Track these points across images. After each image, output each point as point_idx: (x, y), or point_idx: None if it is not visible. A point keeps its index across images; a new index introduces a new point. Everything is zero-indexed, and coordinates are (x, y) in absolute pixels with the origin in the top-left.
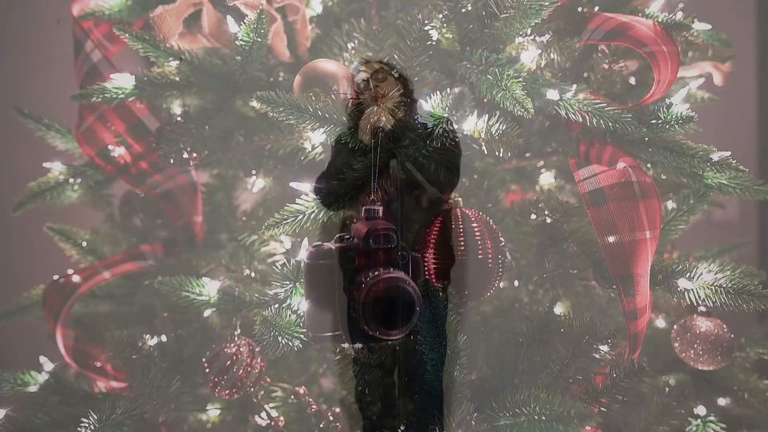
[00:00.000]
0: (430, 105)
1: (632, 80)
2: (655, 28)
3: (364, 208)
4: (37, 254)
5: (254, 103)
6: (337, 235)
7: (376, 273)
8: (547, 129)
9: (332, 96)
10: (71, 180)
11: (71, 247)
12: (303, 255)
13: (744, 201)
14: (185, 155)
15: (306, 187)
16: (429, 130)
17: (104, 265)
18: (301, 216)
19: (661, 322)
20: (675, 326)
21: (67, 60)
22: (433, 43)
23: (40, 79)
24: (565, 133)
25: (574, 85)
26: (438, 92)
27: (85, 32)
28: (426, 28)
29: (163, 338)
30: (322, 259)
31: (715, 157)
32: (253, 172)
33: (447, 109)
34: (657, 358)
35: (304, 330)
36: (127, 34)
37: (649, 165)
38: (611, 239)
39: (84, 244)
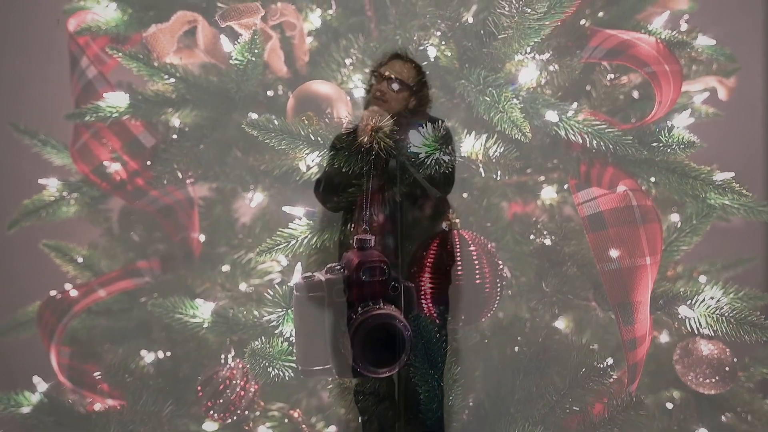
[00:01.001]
0: (422, 135)
1: (635, 94)
2: (658, 46)
3: (356, 237)
4: (34, 270)
5: (245, 127)
6: (328, 266)
7: (366, 308)
8: (548, 145)
9: (326, 119)
10: (67, 195)
11: (67, 263)
12: (295, 281)
13: None
14: (179, 175)
15: (299, 211)
16: (421, 160)
17: (100, 282)
18: (293, 241)
19: (664, 337)
20: (677, 348)
21: (65, 73)
22: (432, 60)
23: (37, 93)
24: (566, 151)
25: (575, 104)
26: (429, 124)
27: (81, 48)
28: (422, 48)
29: (160, 354)
30: (311, 291)
31: (719, 178)
32: (251, 187)
33: (440, 140)
34: (659, 377)
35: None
36: (120, 54)
37: (652, 179)
38: (610, 266)
39: (80, 259)
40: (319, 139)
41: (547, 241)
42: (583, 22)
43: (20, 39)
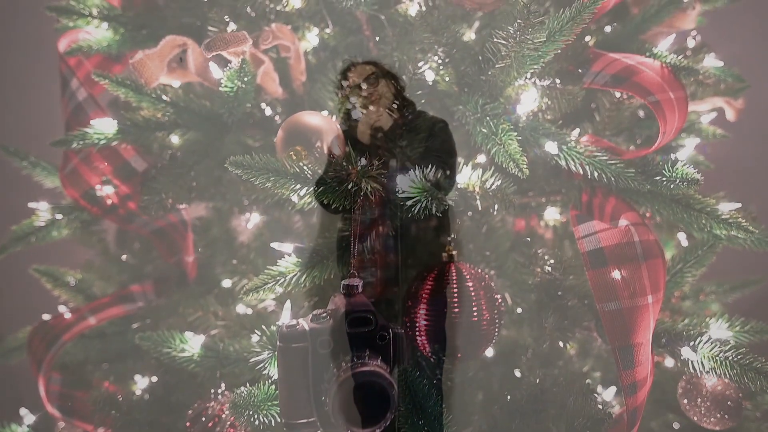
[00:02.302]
0: (412, 178)
1: (641, 113)
2: (663, 71)
3: (342, 283)
4: (25, 294)
5: (229, 167)
6: (313, 312)
7: (350, 364)
8: (550, 169)
9: (316, 153)
10: (58, 218)
11: (59, 288)
12: (283, 319)
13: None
14: (169, 204)
15: (288, 248)
16: (411, 204)
17: (91, 309)
18: (281, 279)
19: (669, 361)
20: (681, 381)
21: (57, 93)
22: (430, 84)
23: (27, 114)
24: (567, 179)
25: (577, 129)
26: (421, 166)
27: (71, 69)
28: (420, 71)
29: (154, 379)
30: (295, 342)
31: (725, 209)
32: (247, 205)
33: (431, 182)
34: (662, 404)
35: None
36: (107, 80)
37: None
38: (610, 306)
39: (73, 282)
40: (308, 174)
41: (548, 275)
42: (587, 38)
43: (10, 58)
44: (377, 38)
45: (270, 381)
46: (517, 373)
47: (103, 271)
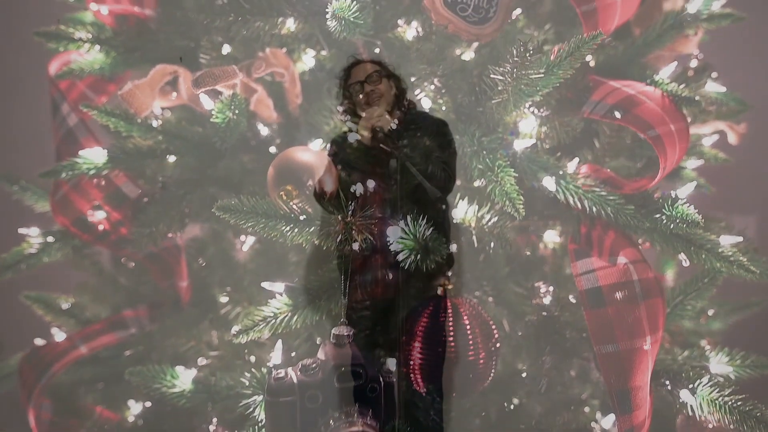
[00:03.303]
0: (401, 230)
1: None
2: (664, 101)
3: (333, 333)
4: (15, 319)
5: (216, 211)
6: (302, 363)
7: (338, 423)
8: (549, 197)
9: (306, 192)
10: (50, 239)
11: (50, 313)
12: (273, 361)
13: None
14: (161, 232)
15: (279, 287)
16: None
17: (82, 336)
18: (272, 320)
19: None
20: (678, 420)
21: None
22: (427, 110)
23: (19, 136)
24: (566, 209)
25: (576, 159)
26: (410, 217)
27: (62, 93)
28: (417, 98)
29: (148, 404)
30: (282, 396)
31: (725, 244)
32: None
33: (419, 235)
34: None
35: None
36: (95, 111)
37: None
38: (608, 348)
39: (66, 306)
40: (299, 214)
41: (545, 313)
42: (589, 57)
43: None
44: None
45: (259, 425)
46: (515, 401)
47: (97, 293)
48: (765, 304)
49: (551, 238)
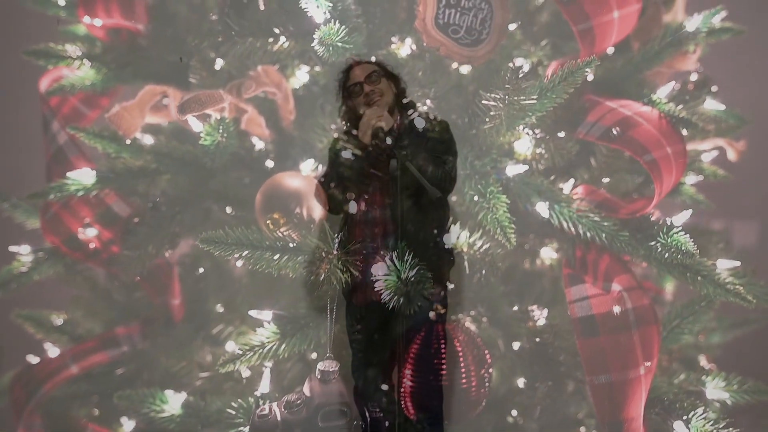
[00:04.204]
0: (387, 266)
1: None
2: (661, 122)
3: (318, 368)
4: (9, 334)
5: (199, 243)
6: (287, 398)
7: None
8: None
9: (294, 220)
10: (41, 255)
11: (42, 331)
12: (261, 389)
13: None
14: (151, 253)
15: (267, 315)
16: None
17: (73, 355)
18: (260, 349)
19: None
20: None
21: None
22: (420, 130)
23: (9, 152)
24: (561, 230)
25: (572, 180)
26: (397, 256)
27: (52, 111)
28: (410, 118)
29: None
30: None
31: (722, 269)
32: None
33: (405, 275)
34: None
35: None
36: (82, 134)
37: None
38: (601, 379)
39: (59, 322)
40: (285, 244)
41: (539, 341)
42: (587, 71)
43: None
44: None
45: None
46: (510, 420)
47: (90, 307)
48: (764, 321)
49: (548, 254)
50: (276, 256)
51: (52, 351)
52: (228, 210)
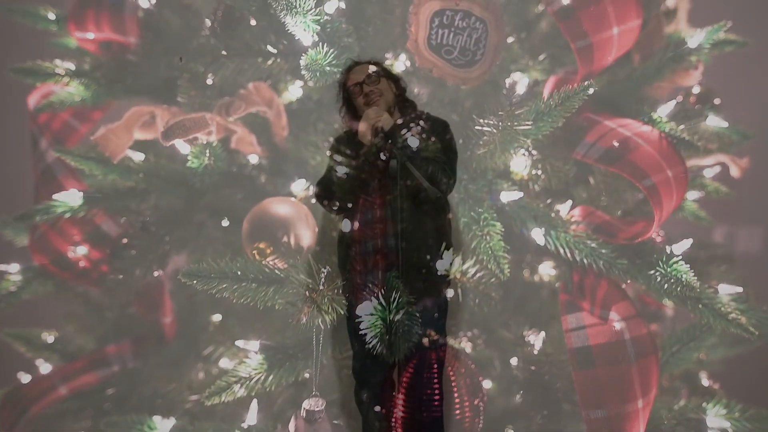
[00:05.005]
0: (374, 306)
1: None
2: (661, 144)
3: (303, 407)
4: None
5: (181, 278)
6: None
7: None
8: None
9: (281, 249)
10: (30, 275)
11: (32, 350)
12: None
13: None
14: (138, 272)
15: (254, 345)
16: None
17: (62, 376)
18: (246, 381)
19: None
20: None
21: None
22: (413, 149)
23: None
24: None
25: (569, 201)
26: (383, 293)
27: (40, 128)
28: (403, 138)
29: None
30: None
31: (723, 294)
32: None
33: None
34: None
35: None
36: (68, 156)
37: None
38: (597, 413)
39: (50, 340)
40: (270, 276)
41: (533, 372)
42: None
43: None
44: None
45: None
46: None
47: (83, 322)
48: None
49: (546, 270)
50: (262, 290)
51: (44, 367)
52: (224, 223)
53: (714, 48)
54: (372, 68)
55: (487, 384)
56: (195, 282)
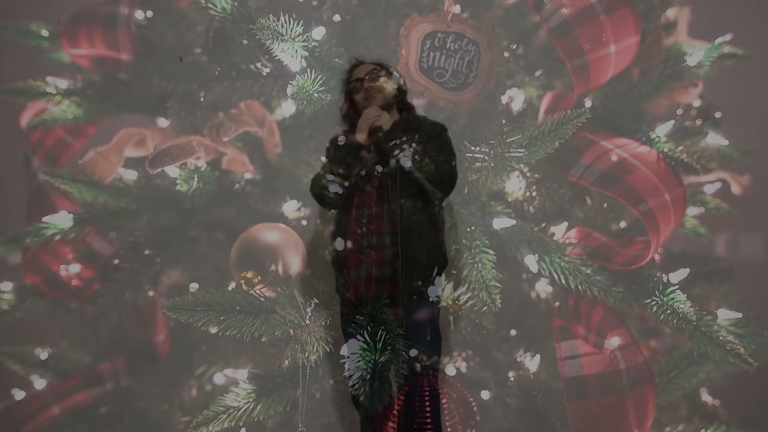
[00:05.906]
0: (359, 344)
1: None
2: (659, 166)
3: None
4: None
5: (166, 311)
6: None
7: None
8: None
9: (269, 278)
10: (23, 294)
11: (26, 368)
12: None
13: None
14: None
15: (242, 374)
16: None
17: (55, 395)
18: (234, 411)
19: None
20: None
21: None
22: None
23: None
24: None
25: (565, 223)
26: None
27: (33, 147)
28: (395, 158)
29: None
30: None
31: (724, 317)
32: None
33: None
34: None
35: None
36: (58, 180)
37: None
38: None
39: (44, 356)
40: (255, 307)
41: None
42: (586, 99)
43: None
44: None
45: None
46: None
47: (77, 338)
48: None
49: (543, 287)
50: (249, 321)
51: (39, 382)
52: (219, 236)
53: (715, 62)
54: (374, 66)
55: (481, 404)
56: (178, 316)
